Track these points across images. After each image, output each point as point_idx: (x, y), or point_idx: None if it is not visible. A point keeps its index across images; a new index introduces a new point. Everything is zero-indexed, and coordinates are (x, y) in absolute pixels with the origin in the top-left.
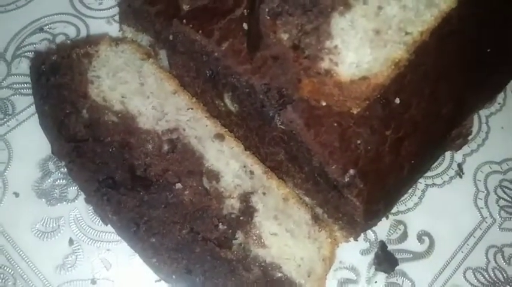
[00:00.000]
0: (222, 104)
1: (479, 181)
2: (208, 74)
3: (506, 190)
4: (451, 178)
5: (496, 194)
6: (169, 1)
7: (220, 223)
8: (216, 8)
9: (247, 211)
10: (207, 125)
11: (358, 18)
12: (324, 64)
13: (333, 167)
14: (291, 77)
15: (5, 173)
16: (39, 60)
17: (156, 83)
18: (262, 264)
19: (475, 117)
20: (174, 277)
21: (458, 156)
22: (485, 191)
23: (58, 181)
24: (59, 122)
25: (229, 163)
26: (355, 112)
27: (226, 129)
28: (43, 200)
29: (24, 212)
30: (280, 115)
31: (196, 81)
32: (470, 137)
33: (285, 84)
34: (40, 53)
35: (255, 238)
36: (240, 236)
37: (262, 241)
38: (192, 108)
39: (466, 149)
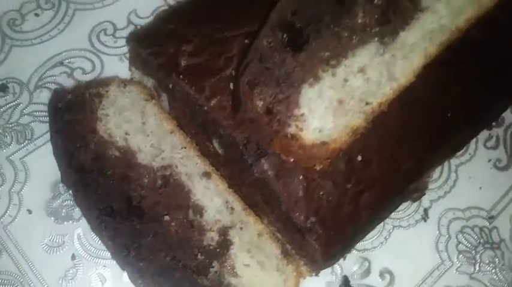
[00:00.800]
0: (211, 146)
1: (443, 225)
2: (200, 120)
3: (466, 235)
4: (417, 221)
5: (456, 239)
6: (170, 56)
7: (200, 253)
8: (208, 66)
9: (225, 243)
10: (197, 163)
11: (325, 89)
12: (291, 129)
13: (297, 214)
14: (265, 136)
15: (21, 192)
16: (57, 98)
17: (156, 123)
18: None
19: (446, 165)
20: None
21: (426, 201)
22: (447, 236)
23: (66, 201)
24: (70, 154)
25: (213, 199)
26: (318, 169)
27: (214, 168)
28: (52, 218)
29: (35, 227)
30: (256, 165)
31: (191, 124)
32: (426, 191)
33: (260, 140)
34: (58, 91)
35: (229, 267)
36: (216, 265)
37: (235, 270)
38: (185, 147)
39: (433, 195)
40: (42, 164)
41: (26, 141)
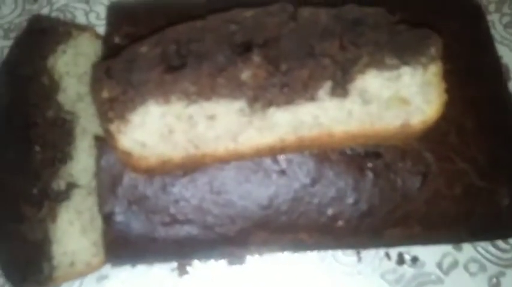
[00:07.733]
0: None
1: None
2: None
3: None
4: None
5: None
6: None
7: (38, 187)
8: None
9: (62, 196)
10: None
11: (169, 114)
12: (112, 127)
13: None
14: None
15: None
16: (38, 19)
17: None
18: (46, 233)
19: None
20: None
21: None
22: None
23: None
24: (12, 62)
25: (85, 158)
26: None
27: None
28: None
29: None
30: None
31: None
32: None
33: None
34: (40, 16)
35: (53, 213)
36: (46, 204)
37: (56, 218)
38: None
39: None
40: None
41: None
